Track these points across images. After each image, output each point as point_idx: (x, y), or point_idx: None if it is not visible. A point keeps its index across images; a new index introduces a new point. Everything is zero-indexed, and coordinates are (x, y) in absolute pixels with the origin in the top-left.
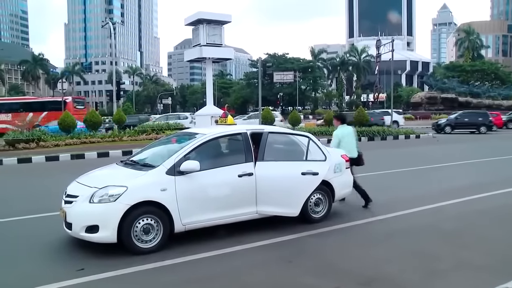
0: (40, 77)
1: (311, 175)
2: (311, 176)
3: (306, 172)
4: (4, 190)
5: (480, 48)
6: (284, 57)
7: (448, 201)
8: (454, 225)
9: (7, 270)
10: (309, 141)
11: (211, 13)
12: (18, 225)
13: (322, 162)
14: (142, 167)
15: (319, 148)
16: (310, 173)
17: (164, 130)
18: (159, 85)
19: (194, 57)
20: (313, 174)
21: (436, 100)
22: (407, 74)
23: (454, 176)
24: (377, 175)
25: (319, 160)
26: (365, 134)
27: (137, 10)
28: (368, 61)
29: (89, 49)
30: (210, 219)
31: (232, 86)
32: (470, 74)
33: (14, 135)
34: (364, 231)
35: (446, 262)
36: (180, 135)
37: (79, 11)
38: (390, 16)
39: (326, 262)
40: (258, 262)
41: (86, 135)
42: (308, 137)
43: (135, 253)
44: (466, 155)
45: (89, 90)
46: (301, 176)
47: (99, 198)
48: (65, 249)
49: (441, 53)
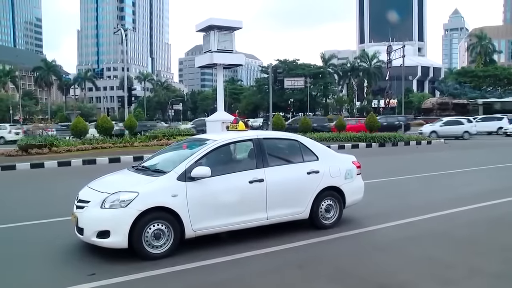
0: (53, 83)
1: (314, 174)
2: (315, 175)
3: (311, 171)
4: (17, 195)
5: (493, 53)
6: (295, 63)
7: (461, 208)
8: (467, 232)
9: (19, 274)
10: (300, 144)
11: (222, 20)
12: (30, 229)
13: (317, 162)
14: (153, 172)
15: (309, 149)
16: (313, 172)
17: (175, 136)
18: (170, 91)
19: (205, 63)
20: (316, 173)
21: (447, 106)
22: (418, 79)
23: (467, 182)
24: (389, 181)
25: (314, 160)
26: (376, 140)
27: (148, 16)
28: (379, 67)
29: (101, 56)
30: (221, 225)
31: (243, 92)
32: (482, 79)
33: (27, 141)
34: (376, 238)
35: (460, 270)
36: (191, 141)
37: (92, 18)
38: (401, 21)
39: (339, 268)
40: (269, 268)
41: (98, 140)
42: (297, 140)
43: (146, 258)
44: (479, 161)
45: (100, 96)
46: (307, 176)
47: (111, 203)
48: (76, 254)
49: (452, 58)
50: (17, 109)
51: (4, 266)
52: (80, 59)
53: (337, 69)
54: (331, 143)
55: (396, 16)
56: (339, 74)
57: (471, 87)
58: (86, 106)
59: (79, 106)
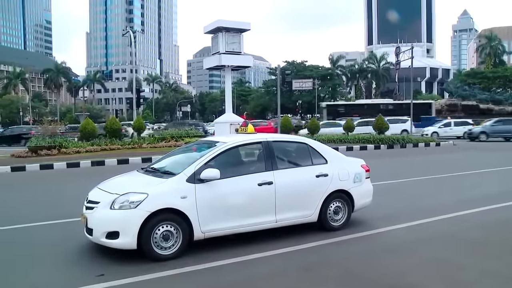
0: (62, 85)
1: (323, 177)
2: (324, 178)
3: (319, 175)
4: (27, 196)
5: (502, 54)
6: (303, 64)
7: (472, 210)
8: (478, 234)
9: (28, 275)
10: (309, 147)
11: (230, 21)
12: (39, 230)
13: (326, 165)
14: (163, 174)
15: (318, 152)
16: (322, 175)
17: (183, 138)
18: (178, 93)
19: (213, 65)
20: (324, 176)
21: (456, 107)
22: (427, 81)
23: (478, 184)
24: (399, 183)
25: (323, 164)
26: (385, 141)
27: (157, 18)
28: (387, 68)
29: (109, 58)
30: (229, 227)
31: (251, 93)
32: (492, 80)
33: (37, 142)
34: (386, 239)
35: (470, 272)
36: (200, 144)
37: (101, 21)
38: (410, 22)
39: (348, 270)
40: (278, 270)
41: (107, 142)
42: (306, 143)
43: (154, 259)
44: (489, 163)
45: (109, 97)
46: (316, 179)
47: (120, 204)
48: (85, 255)
49: (461, 59)
50: (27, 111)
51: (13, 267)
52: (89, 61)
53: (345, 71)
54: (339, 144)
55: (405, 18)
56: (347, 75)
57: (480, 89)
58: (95, 108)
59: (88, 108)
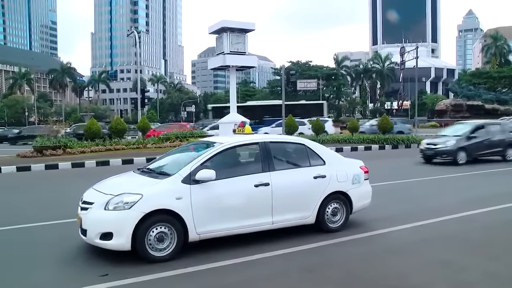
0: (67, 85)
1: (321, 178)
2: (322, 179)
3: (317, 176)
4: (32, 196)
5: (508, 54)
6: (308, 64)
7: (476, 210)
8: (481, 234)
9: (31, 275)
10: (306, 148)
11: (234, 22)
12: (43, 230)
13: (324, 166)
14: (158, 175)
15: (316, 153)
16: (320, 176)
17: (188, 138)
18: (183, 93)
19: (218, 65)
20: (322, 177)
21: (461, 108)
22: (432, 81)
23: (481, 184)
24: (403, 183)
25: (321, 165)
26: (389, 142)
27: (161, 19)
28: (392, 69)
29: (114, 58)
30: (225, 229)
31: (255, 93)
32: (497, 80)
33: (42, 142)
34: (388, 240)
35: (474, 273)
36: (197, 144)
37: (106, 21)
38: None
39: (349, 271)
40: (280, 271)
41: (111, 142)
42: (304, 144)
43: (149, 261)
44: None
45: (114, 98)
46: (314, 180)
47: (114, 205)
48: (88, 255)
49: (466, 59)
50: (32, 111)
51: (15, 267)
52: (94, 62)
53: (350, 71)
54: (344, 145)
55: (409, 18)
56: (352, 75)
57: (485, 89)
58: (100, 108)
59: (93, 108)
